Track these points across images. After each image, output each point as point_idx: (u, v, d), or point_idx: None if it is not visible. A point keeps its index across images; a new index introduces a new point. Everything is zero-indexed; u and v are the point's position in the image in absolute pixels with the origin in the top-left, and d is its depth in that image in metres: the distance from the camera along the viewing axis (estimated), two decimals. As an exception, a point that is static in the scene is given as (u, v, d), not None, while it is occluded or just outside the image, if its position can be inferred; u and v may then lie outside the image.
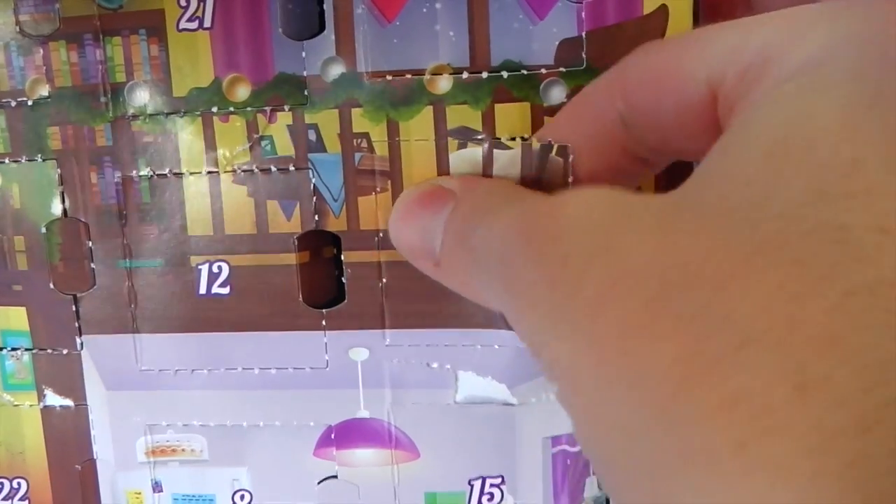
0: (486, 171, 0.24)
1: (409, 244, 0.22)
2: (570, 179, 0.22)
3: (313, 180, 0.26)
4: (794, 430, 0.12)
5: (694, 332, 0.13)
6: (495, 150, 0.24)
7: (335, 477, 0.28)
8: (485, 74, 0.25)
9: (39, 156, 0.27)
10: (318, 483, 0.28)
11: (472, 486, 0.27)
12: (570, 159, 0.22)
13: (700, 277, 0.13)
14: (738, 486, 0.12)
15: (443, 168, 0.25)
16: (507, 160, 0.24)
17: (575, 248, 0.15)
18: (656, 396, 0.13)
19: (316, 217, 0.26)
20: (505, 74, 0.24)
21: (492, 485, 0.27)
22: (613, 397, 0.14)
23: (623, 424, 0.14)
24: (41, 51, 0.26)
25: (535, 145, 0.23)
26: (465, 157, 0.25)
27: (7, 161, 0.27)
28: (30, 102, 0.26)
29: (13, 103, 0.26)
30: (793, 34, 0.17)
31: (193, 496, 0.28)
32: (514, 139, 0.25)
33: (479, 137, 0.25)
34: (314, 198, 0.26)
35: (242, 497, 0.28)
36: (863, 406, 0.11)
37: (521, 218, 0.17)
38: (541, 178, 0.23)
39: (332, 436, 0.27)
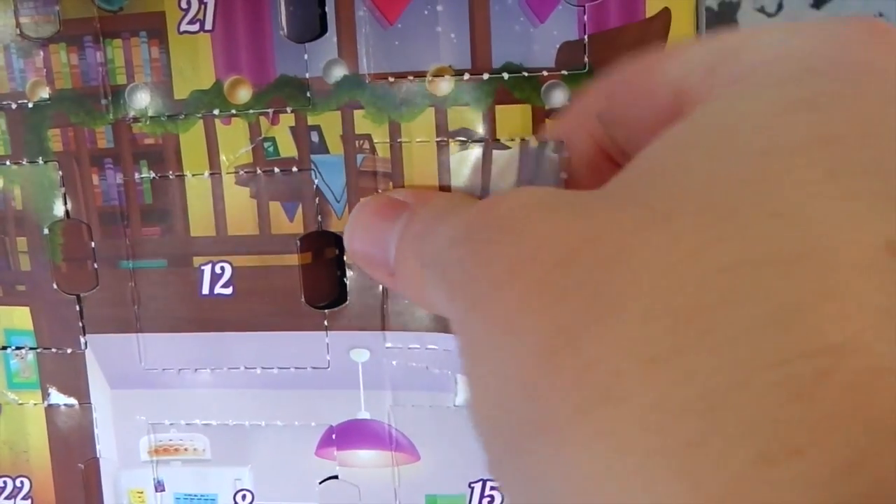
0: (486, 171, 0.24)
1: (365, 254, 0.22)
2: (564, 176, 0.22)
3: (316, 181, 0.26)
4: (636, 402, 0.11)
5: (570, 305, 0.13)
6: (494, 151, 0.24)
7: (336, 477, 0.28)
8: (486, 76, 0.24)
9: (40, 158, 0.27)
10: (320, 483, 0.28)
11: (472, 489, 0.27)
12: (565, 155, 0.22)
13: (588, 254, 0.13)
14: (576, 454, 0.12)
15: (443, 169, 0.25)
16: (506, 160, 0.24)
17: (496, 237, 0.16)
18: (526, 366, 0.13)
19: (319, 218, 0.26)
20: (506, 76, 0.24)
21: (492, 487, 0.27)
22: (495, 367, 0.14)
23: (499, 394, 0.14)
24: (41, 53, 0.26)
25: (533, 143, 0.23)
26: (466, 159, 0.25)
27: (8, 163, 0.27)
28: (30, 105, 0.26)
29: (14, 105, 0.26)
30: (747, 44, 0.17)
31: (195, 496, 0.28)
32: (513, 140, 0.24)
33: (480, 139, 0.25)
34: (317, 199, 0.26)
35: (244, 497, 0.28)
36: (709, 385, 0.11)
37: (462, 220, 0.18)
38: (537, 175, 0.23)
39: (334, 436, 0.27)
